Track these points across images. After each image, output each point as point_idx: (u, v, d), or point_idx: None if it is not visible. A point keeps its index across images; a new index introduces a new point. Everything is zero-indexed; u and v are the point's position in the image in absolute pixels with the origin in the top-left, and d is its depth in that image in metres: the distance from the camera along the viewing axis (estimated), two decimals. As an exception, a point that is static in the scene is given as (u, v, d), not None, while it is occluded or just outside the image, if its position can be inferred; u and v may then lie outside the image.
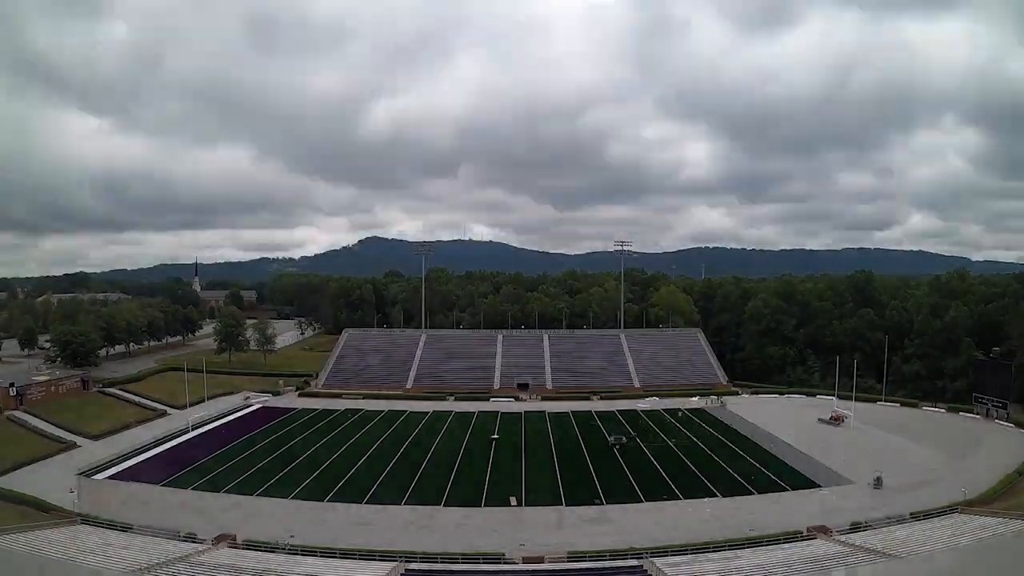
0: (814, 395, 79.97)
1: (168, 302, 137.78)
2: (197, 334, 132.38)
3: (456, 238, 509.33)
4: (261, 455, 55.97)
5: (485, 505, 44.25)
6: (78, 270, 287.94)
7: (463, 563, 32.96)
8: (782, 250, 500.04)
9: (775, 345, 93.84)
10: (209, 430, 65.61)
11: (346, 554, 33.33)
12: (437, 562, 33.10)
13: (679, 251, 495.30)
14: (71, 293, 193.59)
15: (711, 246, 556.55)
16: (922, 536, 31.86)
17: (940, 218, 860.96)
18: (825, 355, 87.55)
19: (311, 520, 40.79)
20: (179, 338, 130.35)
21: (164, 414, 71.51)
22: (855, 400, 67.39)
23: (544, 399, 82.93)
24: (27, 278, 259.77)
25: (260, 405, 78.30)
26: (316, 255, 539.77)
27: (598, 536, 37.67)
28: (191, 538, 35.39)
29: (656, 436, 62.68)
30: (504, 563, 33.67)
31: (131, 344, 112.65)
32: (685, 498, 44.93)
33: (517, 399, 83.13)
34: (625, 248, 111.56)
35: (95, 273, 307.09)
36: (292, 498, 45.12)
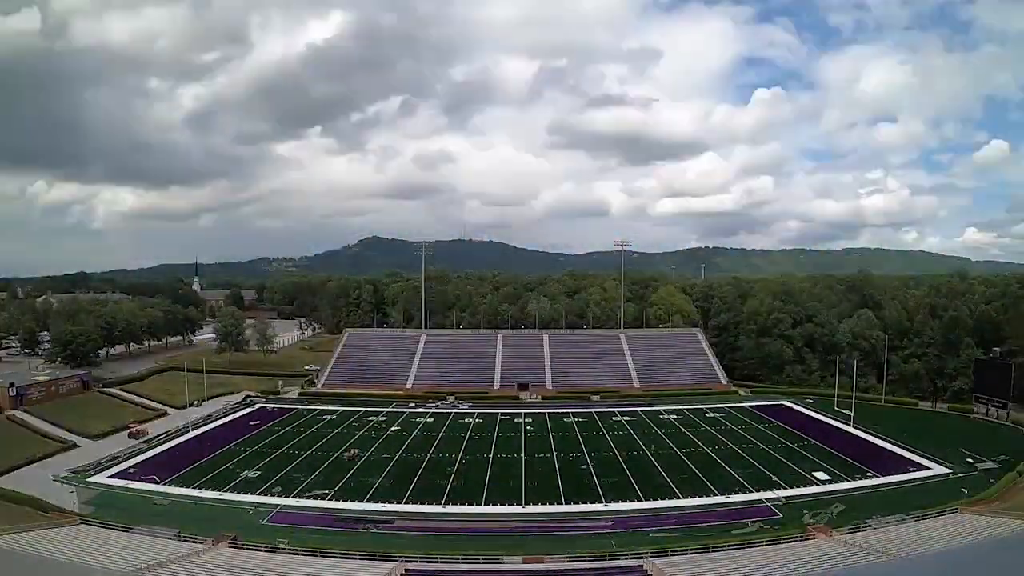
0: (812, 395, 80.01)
1: (168, 302, 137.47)
2: (197, 334, 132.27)
3: (456, 238, 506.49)
4: (261, 455, 55.99)
5: (486, 505, 44.37)
6: (78, 270, 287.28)
7: (463, 563, 32.96)
8: (783, 250, 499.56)
9: (774, 345, 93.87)
10: (209, 430, 65.62)
11: (346, 554, 33.35)
12: (437, 562, 33.10)
13: (679, 251, 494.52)
14: (71, 293, 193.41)
15: (711, 246, 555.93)
16: (922, 536, 31.86)
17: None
18: (824, 355, 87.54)
19: (312, 520, 40.74)
20: (179, 338, 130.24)
21: (164, 414, 71.59)
22: (855, 400, 67.44)
23: (544, 399, 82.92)
24: (27, 278, 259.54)
25: (260, 405, 78.32)
26: (316, 255, 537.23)
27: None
28: (191, 538, 35.39)
29: (656, 435, 62.77)
30: (504, 563, 33.69)
31: (131, 344, 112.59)
32: (684, 497, 45.01)
33: (517, 399, 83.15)
34: (625, 248, 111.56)
35: (95, 273, 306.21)
36: (292, 497, 45.22)
